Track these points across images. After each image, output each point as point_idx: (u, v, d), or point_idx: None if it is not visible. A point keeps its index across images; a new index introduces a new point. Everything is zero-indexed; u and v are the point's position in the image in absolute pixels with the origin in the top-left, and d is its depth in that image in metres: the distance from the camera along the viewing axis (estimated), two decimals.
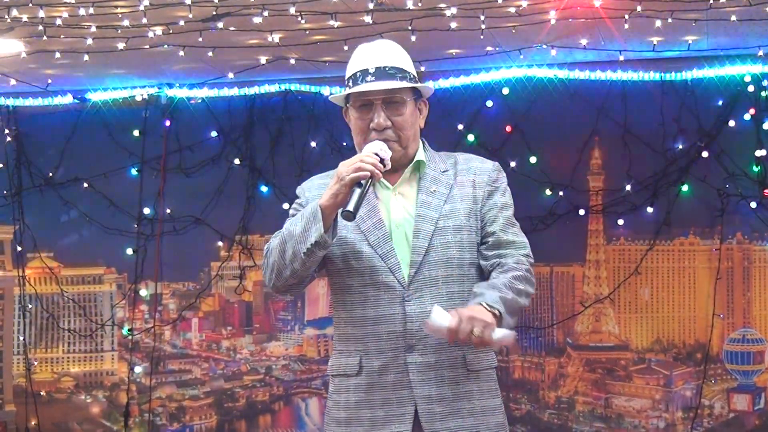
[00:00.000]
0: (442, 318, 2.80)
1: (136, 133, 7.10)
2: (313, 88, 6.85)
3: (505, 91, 6.50)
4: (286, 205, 6.94)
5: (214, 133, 7.06)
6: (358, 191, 2.88)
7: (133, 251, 7.12)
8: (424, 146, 3.19)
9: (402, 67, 3.07)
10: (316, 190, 3.12)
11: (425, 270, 3.01)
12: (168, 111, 7.04)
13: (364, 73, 3.05)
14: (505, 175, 3.18)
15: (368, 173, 2.89)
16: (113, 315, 7.28)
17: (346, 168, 2.91)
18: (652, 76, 6.36)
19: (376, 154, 2.96)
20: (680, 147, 6.45)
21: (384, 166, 2.97)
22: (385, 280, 3.02)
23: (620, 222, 6.58)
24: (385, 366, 3.01)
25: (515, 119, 6.54)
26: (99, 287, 7.35)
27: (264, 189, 7.02)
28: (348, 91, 3.09)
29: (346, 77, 3.11)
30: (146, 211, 7.11)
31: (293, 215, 3.11)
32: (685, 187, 6.45)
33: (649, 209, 6.51)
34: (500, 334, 2.80)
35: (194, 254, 7.18)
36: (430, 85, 3.24)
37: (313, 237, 2.91)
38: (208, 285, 7.21)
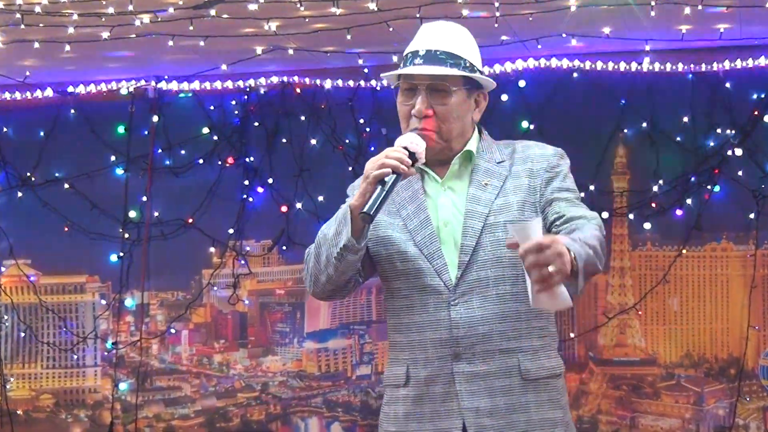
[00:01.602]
0: (538, 231, 2.68)
1: (121, 129, 7.13)
2: (314, 81, 6.88)
3: (522, 83, 6.53)
4: (284, 208, 6.98)
5: (205, 130, 7.09)
6: (378, 190, 2.88)
7: (118, 258, 7.13)
8: (481, 136, 3.20)
9: (456, 53, 3.06)
10: None
11: (473, 271, 3.02)
12: (156, 106, 7.06)
13: (414, 54, 3.07)
14: (568, 161, 3.17)
15: (390, 170, 2.90)
16: (96, 327, 7.28)
17: (371, 164, 2.93)
18: (681, 67, 6.39)
19: (405, 148, 2.95)
20: (711, 144, 6.48)
21: (416, 161, 2.97)
22: (431, 283, 3.03)
23: (647, 226, 6.60)
24: (432, 376, 3.03)
25: (532, 114, 6.57)
26: (81, 297, 7.36)
27: (260, 190, 7.05)
28: (389, 73, 3.13)
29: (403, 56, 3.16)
30: (132, 214, 7.13)
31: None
32: (717, 188, 6.47)
33: (678, 212, 6.54)
34: (563, 290, 2.70)
35: (184, 261, 7.20)
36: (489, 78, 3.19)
37: (343, 240, 2.95)
38: (199, 295, 7.23)
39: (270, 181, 7.03)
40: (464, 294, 3.02)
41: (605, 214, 6.59)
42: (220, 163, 7.08)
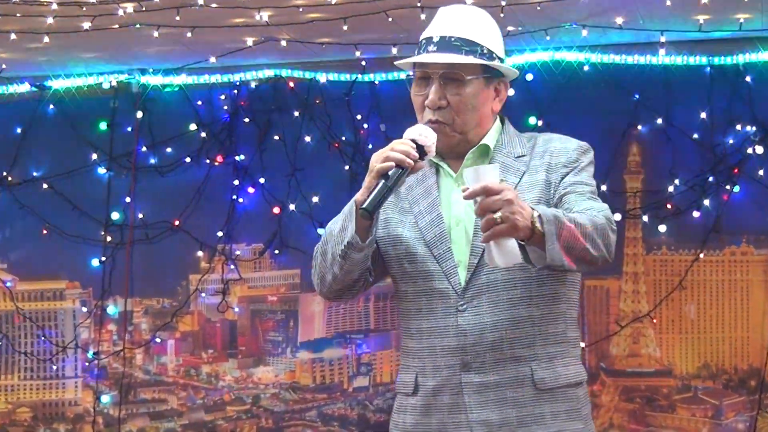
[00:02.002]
0: (492, 176, 2.72)
1: (103, 126, 7.11)
2: (308, 75, 6.87)
3: (529, 77, 6.50)
4: (276, 210, 6.95)
5: (193, 126, 7.07)
6: (380, 185, 2.85)
7: (100, 262, 7.13)
8: (503, 128, 3.17)
9: (472, 39, 3.03)
10: None
11: (483, 273, 2.98)
12: (140, 101, 7.05)
13: (428, 41, 3.05)
14: (590, 156, 3.12)
15: (393, 164, 2.87)
16: (76, 336, 7.27)
17: (376, 156, 2.91)
18: (699, 60, 6.36)
19: (414, 141, 2.92)
20: (731, 142, 6.45)
21: (425, 154, 2.93)
22: (439, 287, 3.02)
23: (662, 228, 6.57)
24: (440, 386, 3.02)
25: (540, 110, 6.53)
26: (60, 304, 7.35)
27: (251, 191, 7.03)
28: (402, 61, 3.12)
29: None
30: (115, 216, 7.12)
31: None
32: (736, 188, 6.45)
33: (696, 213, 6.51)
34: (511, 245, 2.71)
35: (170, 266, 7.19)
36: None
37: (347, 237, 2.93)
38: (186, 302, 7.21)
39: (261, 180, 7.01)
40: (473, 299, 2.99)
41: (618, 216, 6.55)
42: (208, 161, 7.06)
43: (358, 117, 6.87)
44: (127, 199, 7.12)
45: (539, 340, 3.00)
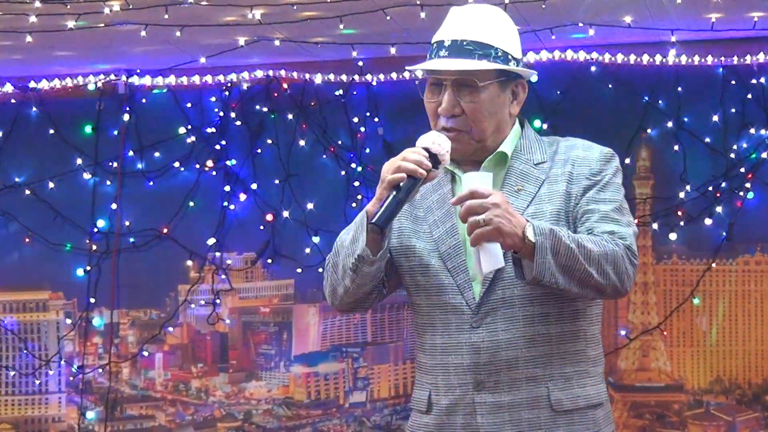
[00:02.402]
0: (484, 182, 2.78)
1: (88, 129, 7.12)
2: (302, 76, 6.85)
3: (534, 78, 6.49)
4: (269, 217, 6.94)
5: (182, 130, 7.08)
6: (392, 197, 2.85)
7: (85, 272, 7.11)
8: (522, 132, 3.15)
9: (486, 42, 3.00)
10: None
11: (499, 289, 2.97)
12: (127, 103, 7.05)
13: (440, 45, 3.03)
14: (616, 165, 3.08)
15: (405, 175, 2.86)
16: (60, 349, 7.26)
17: (387, 166, 2.91)
18: (711, 60, 6.37)
19: (427, 149, 2.92)
20: (744, 146, 6.46)
21: (439, 162, 2.92)
22: (452, 301, 3.01)
23: (672, 236, 6.57)
24: (453, 405, 3.01)
25: (545, 112, 6.54)
26: (43, 315, 7.33)
27: (242, 197, 7.03)
28: (414, 66, 3.11)
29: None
30: (100, 223, 7.12)
31: None
32: (750, 195, 6.46)
33: (708, 221, 6.51)
34: (492, 249, 2.77)
35: (158, 276, 7.17)
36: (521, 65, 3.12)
37: (357, 250, 2.93)
38: (174, 313, 7.20)
39: (254, 186, 7.01)
40: (487, 315, 2.97)
41: None
42: (198, 166, 7.06)
43: (355, 120, 6.87)
44: (114, 206, 7.11)
45: (557, 359, 2.99)
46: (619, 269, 2.88)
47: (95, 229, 7.11)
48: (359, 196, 6.77)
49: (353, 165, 6.81)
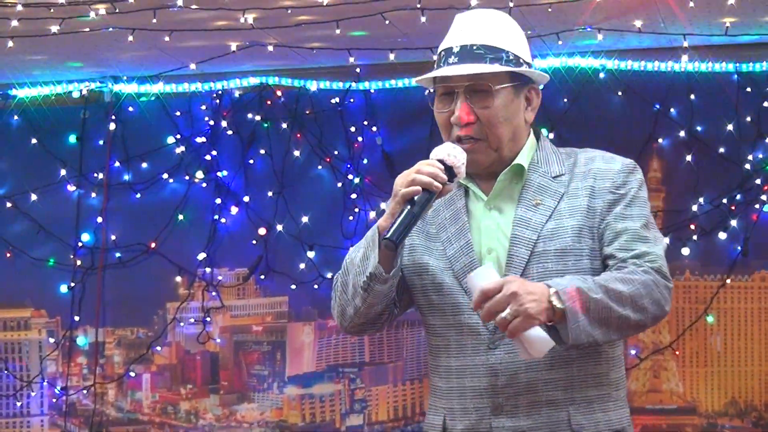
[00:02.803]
0: (488, 276, 2.78)
1: (72, 139, 7.15)
2: (297, 83, 6.89)
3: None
4: (262, 231, 6.93)
5: (171, 139, 7.09)
6: (405, 212, 2.86)
7: (69, 289, 7.12)
8: (539, 144, 3.15)
9: (496, 46, 3.03)
10: None
11: None
12: (113, 111, 7.07)
13: (448, 52, 3.04)
14: (639, 177, 3.10)
15: (420, 188, 2.87)
16: (43, 370, 7.25)
17: (401, 179, 2.91)
18: (725, 66, 6.38)
19: (441, 161, 2.92)
20: (761, 156, 6.45)
21: (454, 176, 2.93)
22: (468, 322, 3.00)
23: (685, 251, 6.56)
24: (469, 430, 3.01)
25: (552, 120, 6.54)
26: (25, 334, 7.33)
27: (234, 210, 7.03)
28: (422, 77, 3.11)
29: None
30: (85, 237, 7.14)
31: None
32: (767, 207, 6.45)
33: (722, 235, 6.50)
34: (535, 335, 2.75)
35: (145, 293, 7.16)
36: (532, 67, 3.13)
37: (369, 268, 2.93)
38: (163, 332, 7.19)
39: (246, 199, 7.01)
40: (506, 335, 2.92)
41: None
42: (187, 178, 7.08)
43: (352, 129, 6.87)
44: (99, 219, 7.12)
45: (578, 382, 2.99)
46: (655, 297, 2.90)
47: (80, 244, 7.13)
48: (356, 209, 6.76)
49: (350, 176, 6.80)
